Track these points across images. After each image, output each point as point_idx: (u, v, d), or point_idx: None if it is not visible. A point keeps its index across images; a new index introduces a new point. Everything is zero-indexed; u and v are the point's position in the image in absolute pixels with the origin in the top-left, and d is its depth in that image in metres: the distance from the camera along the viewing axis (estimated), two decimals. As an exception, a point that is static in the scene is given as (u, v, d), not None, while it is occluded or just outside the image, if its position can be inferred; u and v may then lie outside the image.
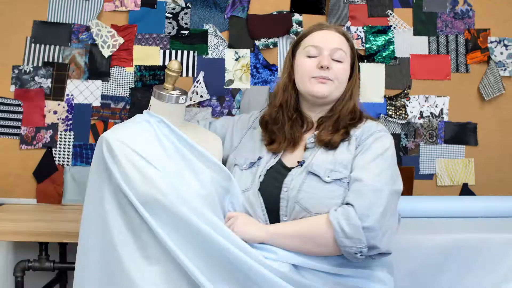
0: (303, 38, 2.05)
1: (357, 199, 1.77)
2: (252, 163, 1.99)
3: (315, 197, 1.83)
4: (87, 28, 2.89)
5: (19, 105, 2.86)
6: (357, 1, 2.98)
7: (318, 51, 1.98)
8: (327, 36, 2.00)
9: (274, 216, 1.88)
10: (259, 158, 1.99)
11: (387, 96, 2.96)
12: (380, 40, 2.96)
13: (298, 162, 1.93)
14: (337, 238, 1.74)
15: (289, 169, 1.93)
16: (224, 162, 2.10)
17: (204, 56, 2.93)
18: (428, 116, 2.96)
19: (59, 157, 2.87)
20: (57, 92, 2.88)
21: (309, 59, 1.98)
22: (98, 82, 2.90)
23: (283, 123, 2.01)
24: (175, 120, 2.02)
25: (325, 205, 1.81)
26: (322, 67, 1.94)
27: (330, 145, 1.92)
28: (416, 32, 2.99)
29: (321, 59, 1.96)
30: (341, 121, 1.98)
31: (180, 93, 2.03)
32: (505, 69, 2.97)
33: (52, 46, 2.89)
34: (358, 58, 2.12)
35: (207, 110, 2.90)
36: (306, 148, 1.97)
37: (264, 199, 1.89)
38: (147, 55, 2.91)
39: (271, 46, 2.95)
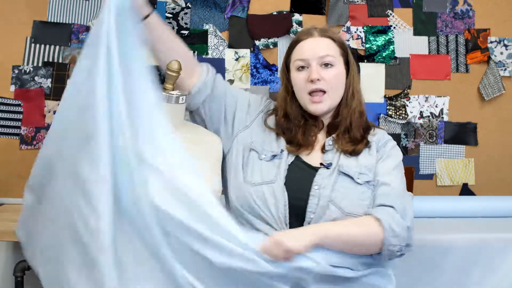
0: (292, 51, 2.03)
1: (393, 201, 1.83)
2: (274, 155, 1.97)
3: (348, 197, 1.85)
4: (87, 28, 2.89)
5: (19, 105, 2.86)
6: (357, 1, 2.98)
7: (306, 63, 1.97)
8: (312, 45, 1.98)
9: (297, 212, 1.86)
10: (282, 151, 1.97)
11: (387, 96, 2.96)
12: (380, 40, 2.97)
13: (322, 164, 1.93)
14: (386, 237, 1.77)
15: (314, 168, 1.92)
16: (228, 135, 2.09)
17: (204, 56, 2.93)
18: (428, 116, 2.96)
19: (59, 157, 2.87)
20: (57, 92, 2.88)
21: (300, 72, 1.98)
22: (98, 82, 2.89)
23: (295, 131, 2.01)
24: (175, 120, 2.02)
25: (357, 205, 1.84)
26: (312, 80, 1.94)
27: (354, 153, 1.95)
28: (416, 32, 2.99)
29: (310, 71, 1.95)
30: (354, 129, 1.98)
31: (180, 93, 2.02)
32: (505, 69, 2.98)
33: (52, 46, 2.89)
34: (352, 53, 2.10)
35: (207, 110, 2.90)
36: (324, 150, 1.97)
37: (289, 194, 1.87)
38: (147, 55, 2.90)
39: (271, 46, 2.95)
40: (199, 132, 2.16)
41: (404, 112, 2.95)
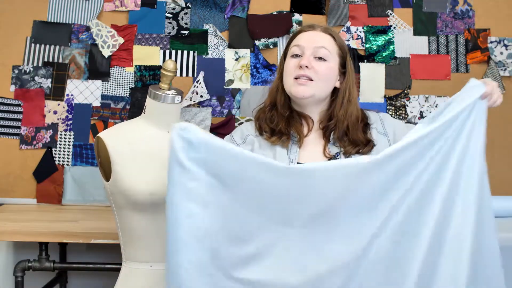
0: (292, 40, 2.04)
1: None
2: None
3: None
4: (87, 28, 2.90)
5: (19, 105, 2.87)
6: (357, 1, 2.97)
7: (301, 51, 1.97)
8: (312, 36, 1.99)
9: None
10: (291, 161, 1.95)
11: (387, 96, 2.96)
12: (380, 40, 2.96)
13: (329, 157, 1.92)
14: None
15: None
16: None
17: (204, 56, 2.94)
18: (428, 116, 2.96)
19: (59, 157, 2.87)
20: (57, 92, 2.88)
21: (293, 58, 1.98)
22: (98, 82, 2.90)
23: (278, 121, 2.00)
24: (171, 119, 2.02)
25: None
26: (301, 66, 1.93)
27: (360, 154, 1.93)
28: (416, 32, 2.98)
29: (302, 58, 1.95)
30: (352, 131, 1.96)
31: (175, 93, 2.03)
32: (505, 69, 2.97)
33: (52, 46, 2.90)
34: (351, 57, 2.10)
35: (207, 110, 2.90)
36: (328, 153, 1.94)
37: None
38: (147, 55, 2.92)
39: (271, 46, 2.95)
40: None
41: (404, 112, 2.95)
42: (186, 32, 2.94)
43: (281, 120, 1.99)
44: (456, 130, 1.73)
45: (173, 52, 2.93)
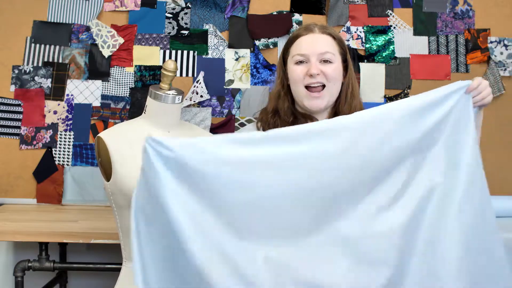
0: (291, 45, 2.02)
1: None
2: None
3: None
4: (87, 28, 2.90)
5: (19, 105, 2.87)
6: (357, 1, 2.97)
7: (305, 58, 1.96)
8: (312, 41, 1.97)
9: None
10: None
11: (387, 96, 2.96)
12: (380, 40, 2.96)
13: None
14: None
15: None
16: None
17: (204, 56, 2.94)
18: (428, 116, 2.96)
19: (59, 157, 2.87)
20: (57, 92, 2.88)
21: (298, 65, 1.96)
22: (98, 82, 2.90)
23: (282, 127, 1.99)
24: (171, 119, 2.03)
25: None
26: (311, 75, 1.93)
27: None
28: (416, 32, 2.98)
29: (310, 66, 1.94)
30: None
31: (176, 93, 2.03)
32: (505, 69, 2.97)
33: (52, 46, 2.90)
34: (351, 56, 2.09)
35: (207, 110, 2.90)
36: None
37: None
38: (147, 55, 2.92)
39: (271, 46, 2.95)
40: (196, 132, 2.17)
41: (404, 112, 2.95)
42: (186, 32, 2.93)
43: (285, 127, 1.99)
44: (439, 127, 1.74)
45: (173, 52, 2.93)
